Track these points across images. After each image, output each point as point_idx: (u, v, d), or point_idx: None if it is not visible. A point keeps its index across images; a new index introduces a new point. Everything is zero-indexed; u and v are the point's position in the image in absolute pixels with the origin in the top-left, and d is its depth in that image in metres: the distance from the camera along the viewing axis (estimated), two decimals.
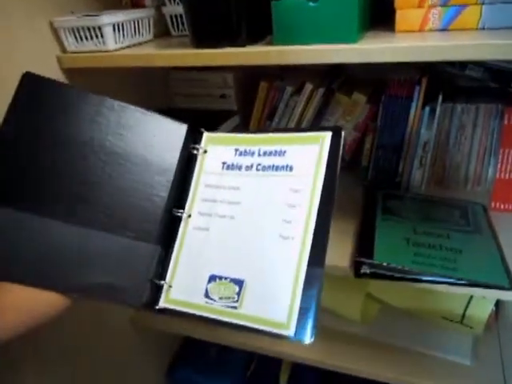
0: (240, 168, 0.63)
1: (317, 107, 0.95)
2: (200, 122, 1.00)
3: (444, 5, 0.60)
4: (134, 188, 0.61)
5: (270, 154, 0.62)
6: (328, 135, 0.58)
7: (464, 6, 0.59)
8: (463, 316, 0.87)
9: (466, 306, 0.87)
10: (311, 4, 0.59)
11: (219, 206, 0.62)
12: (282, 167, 0.60)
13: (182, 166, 0.65)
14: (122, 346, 1.07)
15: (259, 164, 0.62)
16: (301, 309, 0.51)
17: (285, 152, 0.61)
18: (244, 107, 1.07)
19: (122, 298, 0.58)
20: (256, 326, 0.52)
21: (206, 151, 0.66)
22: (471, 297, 0.85)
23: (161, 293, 0.59)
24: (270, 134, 0.63)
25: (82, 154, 0.60)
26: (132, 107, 0.65)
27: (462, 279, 0.67)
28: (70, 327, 0.89)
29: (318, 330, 0.50)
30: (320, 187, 0.55)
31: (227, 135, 0.67)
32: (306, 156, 0.58)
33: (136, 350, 1.13)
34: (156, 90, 1.08)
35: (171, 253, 0.61)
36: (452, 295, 0.85)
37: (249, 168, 0.62)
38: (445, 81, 0.92)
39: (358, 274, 0.71)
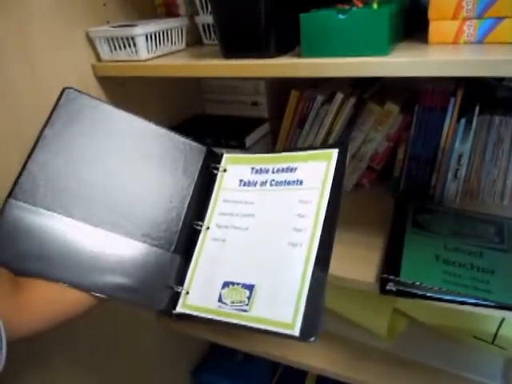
0: (255, 184, 0.69)
1: (347, 117, 0.93)
2: (231, 128, 1.02)
3: (479, 17, 0.58)
4: (158, 201, 0.66)
5: (283, 170, 0.67)
6: (335, 152, 0.64)
7: (501, 18, 0.56)
8: (495, 336, 0.84)
9: (499, 326, 0.83)
10: (340, 16, 0.58)
11: (235, 218, 0.67)
12: (293, 182, 0.65)
13: (203, 183, 0.70)
14: (147, 344, 1.09)
15: (273, 180, 0.67)
16: (306, 310, 0.54)
17: (296, 168, 0.66)
18: (275, 115, 1.06)
19: (143, 301, 0.62)
20: (264, 326, 0.56)
21: (225, 170, 0.72)
22: (504, 318, 0.81)
23: (179, 298, 0.63)
24: (283, 154, 0.69)
25: (112, 166, 0.64)
26: (162, 129, 0.69)
27: (494, 302, 0.65)
28: (100, 325, 0.91)
29: (344, 344, 0.51)
30: (327, 198, 0.61)
31: (245, 156, 0.74)
32: (315, 171, 0.64)
33: (162, 350, 1.14)
34: (188, 97, 1.09)
35: (190, 261, 0.66)
36: (484, 314, 0.82)
37: (263, 184, 0.68)
38: (482, 92, 0.89)
39: (383, 290, 0.70)
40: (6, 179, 0.71)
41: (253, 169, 0.70)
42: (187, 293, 0.63)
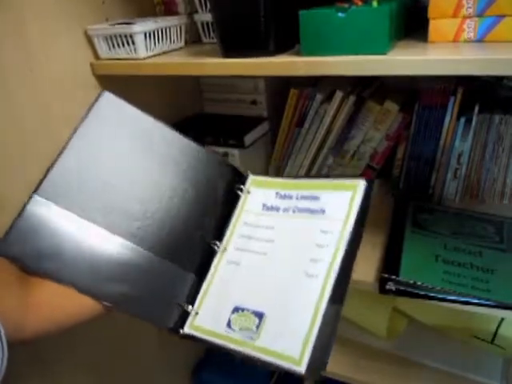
0: (278, 210, 0.67)
1: (347, 115, 0.93)
2: (230, 127, 1.02)
3: (480, 15, 0.57)
4: (179, 216, 0.65)
5: (307, 198, 0.65)
6: (361, 183, 0.61)
7: (501, 16, 0.56)
8: (494, 336, 0.83)
9: (498, 326, 0.83)
10: (340, 14, 0.58)
11: (254, 242, 0.65)
12: (316, 210, 0.63)
13: (226, 202, 0.69)
14: (147, 344, 1.09)
15: (296, 207, 0.65)
16: (315, 346, 0.51)
17: (319, 197, 0.64)
18: (274, 113, 1.06)
19: (152, 317, 0.60)
20: (269, 358, 0.53)
21: (249, 192, 0.71)
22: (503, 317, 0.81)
23: (187, 318, 0.61)
24: (309, 180, 0.68)
25: (138, 175, 0.64)
26: (193, 143, 0.68)
27: (493, 301, 0.65)
28: (99, 326, 0.91)
29: (344, 344, 0.50)
30: (349, 231, 0.58)
31: (270, 179, 0.72)
32: (339, 201, 0.62)
33: (162, 350, 1.14)
34: (187, 96, 1.08)
35: (203, 281, 0.64)
36: (483, 314, 0.82)
37: (286, 210, 0.66)
38: (481, 90, 0.89)
39: (382, 290, 0.70)
40: (6, 176, 0.71)
41: (277, 194, 0.68)
42: (196, 313, 0.61)
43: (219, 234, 0.67)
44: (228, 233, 0.68)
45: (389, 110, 0.93)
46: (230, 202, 0.70)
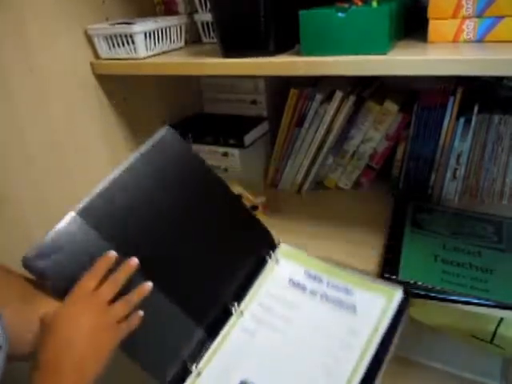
0: (305, 289, 0.66)
1: (347, 115, 0.93)
2: (230, 127, 1.02)
3: (479, 16, 0.57)
4: (202, 266, 0.64)
5: (338, 288, 0.65)
6: (398, 292, 0.62)
7: (500, 17, 0.56)
8: (494, 335, 0.83)
9: (497, 326, 0.83)
10: (340, 15, 0.58)
11: (273, 317, 0.63)
12: (346, 306, 0.62)
13: (252, 265, 0.68)
14: None
15: (325, 293, 0.64)
16: None
17: (352, 292, 0.64)
18: (274, 113, 1.06)
19: (151, 366, 0.58)
20: None
21: (278, 261, 0.70)
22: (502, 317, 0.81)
23: (187, 376, 0.59)
24: (342, 270, 0.67)
25: (178, 221, 0.63)
26: (237, 202, 0.70)
27: (492, 301, 0.65)
28: None
29: None
30: (379, 337, 0.57)
31: (301, 253, 0.71)
32: (373, 304, 0.61)
33: None
34: (187, 96, 1.09)
35: (212, 341, 0.62)
36: (482, 314, 0.82)
37: (314, 293, 0.65)
38: (481, 90, 0.89)
39: None
40: (6, 176, 0.71)
41: (306, 272, 0.67)
42: (199, 374, 0.59)
43: (238, 296, 0.66)
44: (248, 297, 0.66)
45: (388, 110, 0.93)
46: (256, 265, 0.69)
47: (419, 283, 0.68)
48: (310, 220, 0.90)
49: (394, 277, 0.69)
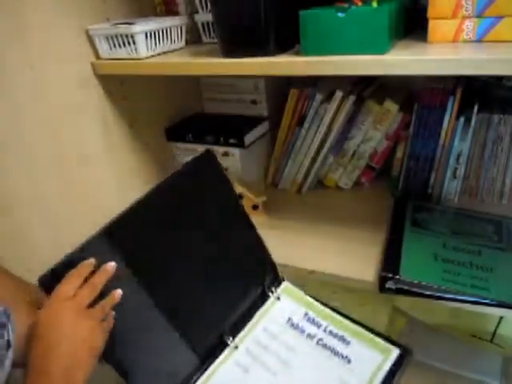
0: (303, 332, 0.66)
1: (347, 115, 0.93)
2: (230, 127, 1.02)
3: (479, 16, 0.58)
4: (207, 296, 0.64)
5: (335, 336, 0.65)
6: (395, 351, 0.62)
7: (500, 17, 0.56)
8: (494, 334, 0.84)
9: (498, 325, 0.84)
10: (340, 14, 0.58)
11: (269, 355, 0.63)
12: (341, 355, 0.63)
13: (252, 298, 0.69)
14: None
15: (322, 339, 0.65)
16: None
17: (349, 342, 0.64)
18: (274, 113, 1.06)
19: None
20: None
21: (279, 298, 0.70)
22: (502, 317, 0.81)
23: None
24: (344, 319, 0.68)
25: (194, 246, 0.64)
26: (252, 236, 0.70)
27: (493, 300, 0.65)
28: None
29: None
30: None
31: (303, 295, 0.71)
32: (368, 359, 0.61)
33: None
34: (187, 96, 1.09)
35: (205, 370, 0.62)
36: (482, 313, 0.82)
37: (311, 337, 0.65)
38: (480, 90, 0.89)
39: (382, 288, 0.70)
40: (8, 176, 0.71)
41: (306, 314, 0.68)
42: None
43: (235, 327, 0.66)
44: (244, 331, 0.66)
45: (388, 109, 0.93)
46: (258, 298, 0.69)
47: (419, 282, 0.68)
48: (310, 219, 0.90)
49: (394, 276, 0.69)
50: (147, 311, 0.59)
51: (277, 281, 0.72)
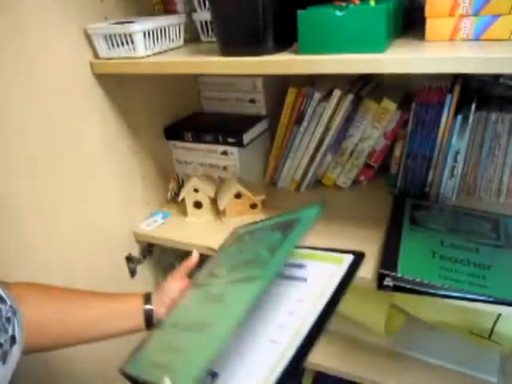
0: None
1: (345, 114, 0.94)
2: (229, 126, 1.02)
3: (476, 14, 0.58)
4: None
5: (293, 266, 0.66)
6: (348, 258, 0.62)
7: (497, 16, 0.57)
8: (491, 331, 0.84)
9: (495, 322, 0.84)
10: (338, 13, 0.58)
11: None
12: (299, 278, 0.63)
13: None
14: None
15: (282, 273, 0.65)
16: None
17: (306, 266, 0.65)
18: (273, 112, 1.07)
19: None
20: None
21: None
22: (500, 313, 0.82)
23: None
24: (303, 250, 0.68)
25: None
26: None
27: (490, 297, 0.65)
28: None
29: (342, 340, 0.46)
30: (323, 303, 0.56)
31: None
32: (323, 272, 0.61)
33: None
34: (186, 95, 1.09)
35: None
36: (480, 310, 0.82)
37: None
38: (478, 88, 0.89)
39: (380, 286, 0.70)
40: (7, 174, 0.71)
41: None
42: None
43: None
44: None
45: (386, 108, 0.93)
46: None
47: (417, 279, 0.68)
48: None
49: (392, 273, 0.69)
50: None
51: None
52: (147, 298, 0.68)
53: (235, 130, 0.98)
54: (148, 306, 0.67)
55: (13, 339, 0.47)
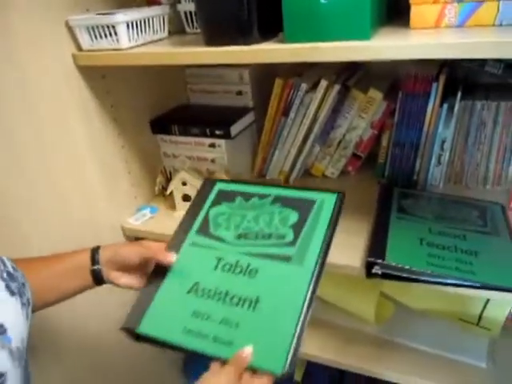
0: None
1: (332, 104, 0.93)
2: (216, 118, 1.02)
3: (460, 1, 0.58)
4: None
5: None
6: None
7: (481, 2, 0.57)
8: (480, 318, 0.85)
9: (483, 308, 0.85)
10: (322, 1, 0.58)
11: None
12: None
13: None
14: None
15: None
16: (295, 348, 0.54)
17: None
18: (260, 104, 1.06)
19: None
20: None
21: None
22: (488, 299, 0.83)
23: None
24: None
25: None
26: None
27: (478, 282, 0.66)
28: (85, 324, 0.91)
29: (332, 329, 0.47)
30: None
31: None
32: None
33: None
34: (172, 87, 1.08)
35: None
36: (468, 297, 0.83)
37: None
38: (464, 77, 0.90)
39: (369, 274, 0.70)
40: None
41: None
42: None
43: None
44: None
45: (373, 97, 0.93)
46: None
47: (406, 267, 0.68)
48: None
49: (380, 261, 0.70)
50: None
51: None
52: (94, 258, 0.66)
53: (222, 123, 0.98)
54: (96, 267, 0.65)
55: (28, 301, 0.55)
